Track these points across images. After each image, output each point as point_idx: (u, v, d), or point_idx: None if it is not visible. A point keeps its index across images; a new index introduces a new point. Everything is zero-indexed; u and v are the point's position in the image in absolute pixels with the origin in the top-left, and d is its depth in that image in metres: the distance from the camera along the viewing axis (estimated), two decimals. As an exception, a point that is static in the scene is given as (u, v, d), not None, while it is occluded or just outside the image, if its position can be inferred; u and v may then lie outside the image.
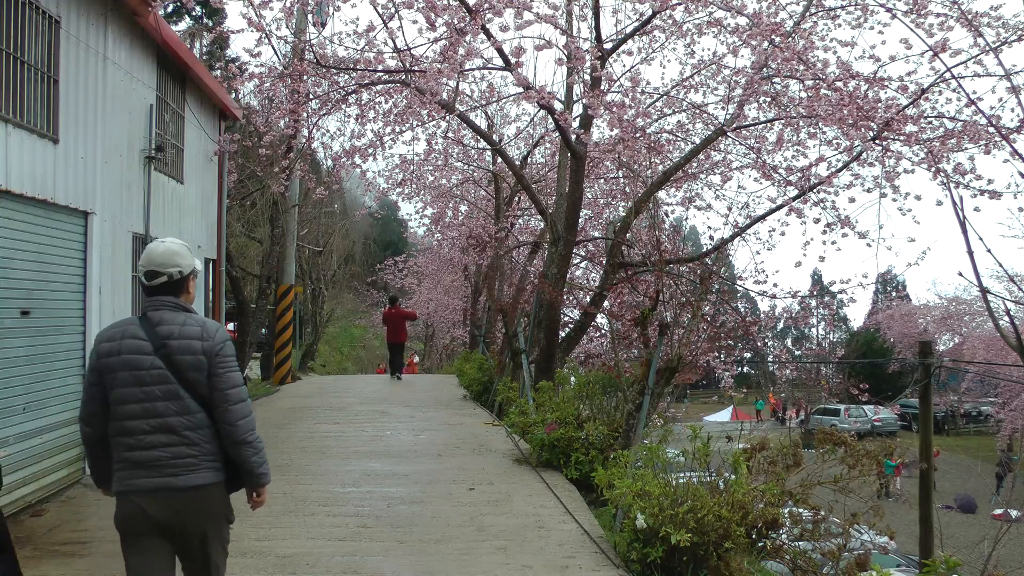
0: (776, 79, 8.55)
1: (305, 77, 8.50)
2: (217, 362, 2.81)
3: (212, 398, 2.82)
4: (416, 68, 7.79)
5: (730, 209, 15.08)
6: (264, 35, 7.97)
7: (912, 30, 7.49)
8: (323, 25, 9.87)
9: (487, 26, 7.10)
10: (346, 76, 8.49)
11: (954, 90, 7.93)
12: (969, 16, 7.23)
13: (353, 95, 8.87)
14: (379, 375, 22.73)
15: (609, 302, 10.41)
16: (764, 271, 17.80)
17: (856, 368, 33.54)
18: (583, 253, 12.78)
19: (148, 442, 2.75)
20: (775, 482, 4.84)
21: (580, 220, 10.37)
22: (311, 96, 8.85)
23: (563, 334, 10.49)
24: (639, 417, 6.25)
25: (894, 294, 44.88)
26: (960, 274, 4.90)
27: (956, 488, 23.24)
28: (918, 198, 8.81)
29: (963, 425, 36.23)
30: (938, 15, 7.52)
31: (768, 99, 8.91)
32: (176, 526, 2.79)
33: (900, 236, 12.55)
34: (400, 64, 7.87)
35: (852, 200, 16.15)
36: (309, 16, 10.32)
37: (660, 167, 10.19)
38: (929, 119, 8.22)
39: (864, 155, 8.75)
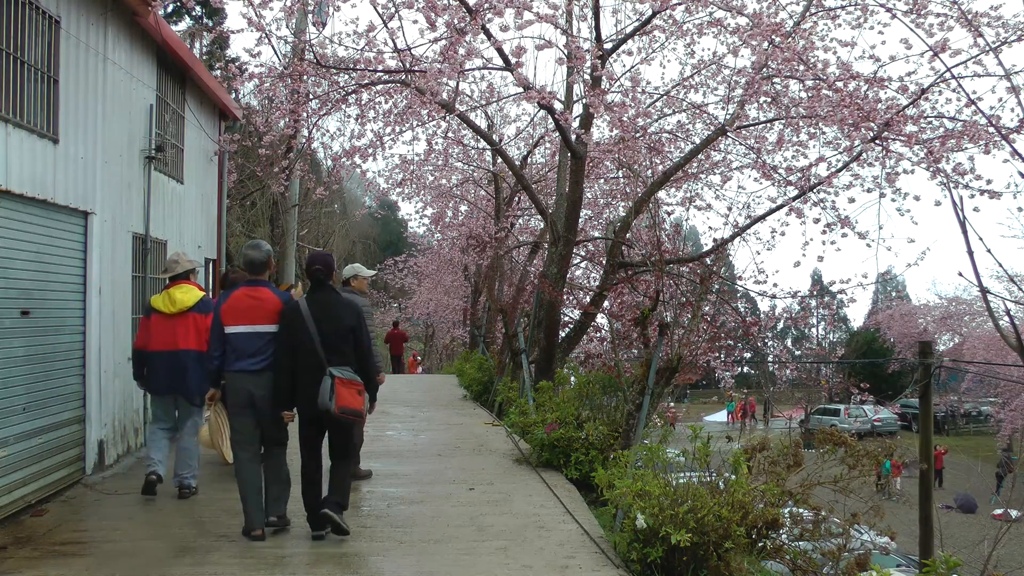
0: (776, 79, 8.55)
1: (305, 77, 8.49)
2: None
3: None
4: (416, 68, 7.78)
5: (730, 209, 15.05)
6: (264, 35, 7.96)
7: (912, 30, 7.50)
8: (323, 25, 9.87)
9: (487, 26, 7.09)
10: (346, 76, 8.48)
11: (954, 90, 7.93)
12: (969, 16, 7.23)
13: (353, 95, 8.86)
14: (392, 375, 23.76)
15: (609, 302, 10.40)
16: (764, 271, 17.70)
17: (856, 368, 33.54)
18: (583, 253, 12.76)
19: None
20: (775, 482, 4.84)
21: (580, 220, 10.36)
22: (311, 96, 8.84)
23: (563, 334, 10.49)
24: (639, 417, 6.25)
25: (894, 294, 44.82)
26: (960, 274, 4.91)
27: (956, 488, 23.24)
28: (917, 198, 8.80)
29: (963, 425, 36.23)
30: (938, 15, 7.52)
31: (768, 99, 8.91)
32: None
33: (900, 236, 12.50)
34: (400, 64, 7.86)
35: (852, 200, 16.01)
36: (309, 16, 10.31)
37: (660, 167, 10.18)
38: (929, 119, 8.20)
39: (864, 155, 8.74)
